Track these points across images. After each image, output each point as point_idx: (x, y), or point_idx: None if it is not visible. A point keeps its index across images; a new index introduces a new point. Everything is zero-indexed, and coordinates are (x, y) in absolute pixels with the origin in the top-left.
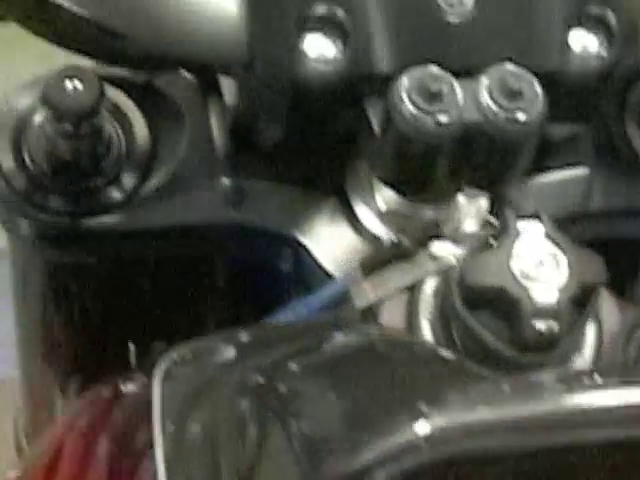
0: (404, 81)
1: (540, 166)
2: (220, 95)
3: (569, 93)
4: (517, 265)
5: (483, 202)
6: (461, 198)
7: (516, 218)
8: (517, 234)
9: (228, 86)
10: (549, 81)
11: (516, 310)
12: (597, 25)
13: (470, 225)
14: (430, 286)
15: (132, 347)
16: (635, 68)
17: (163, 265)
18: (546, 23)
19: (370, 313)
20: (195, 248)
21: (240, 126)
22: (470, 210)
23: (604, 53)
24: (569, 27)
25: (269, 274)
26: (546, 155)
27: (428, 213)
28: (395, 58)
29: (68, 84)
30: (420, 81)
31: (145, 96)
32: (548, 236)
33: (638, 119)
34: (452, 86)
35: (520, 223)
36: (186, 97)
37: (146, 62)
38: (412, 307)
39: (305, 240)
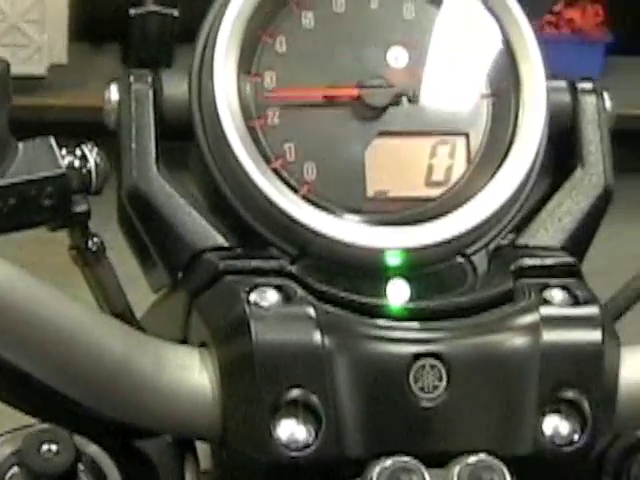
0: (375, 471)
1: None
2: (196, 458)
3: (540, 478)
4: None
5: None
6: None
7: None
8: None
9: (204, 450)
10: (521, 467)
11: None
12: (571, 410)
13: None
14: None
15: None
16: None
17: None
18: (520, 410)
19: None
20: None
21: None
22: None
23: (577, 438)
24: (543, 413)
25: None
26: None
27: None
28: (367, 445)
29: (44, 447)
30: (391, 472)
31: (123, 454)
32: None
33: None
34: (423, 478)
35: None
36: (163, 457)
37: (122, 432)
38: None
39: None
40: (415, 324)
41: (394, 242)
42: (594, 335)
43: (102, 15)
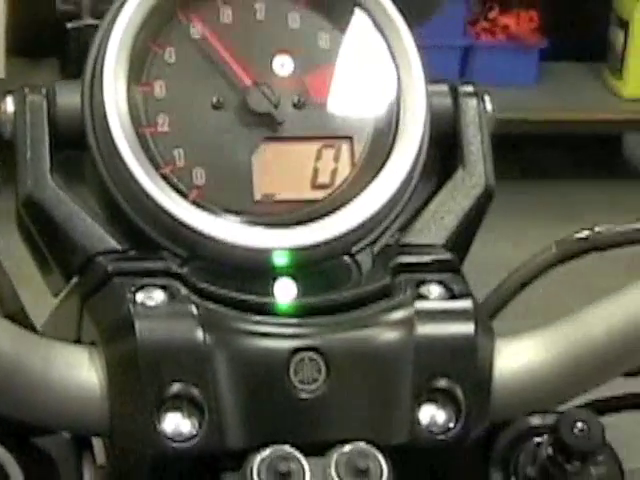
0: (255, 460)
1: None
2: (93, 453)
3: (420, 466)
4: None
5: None
6: None
7: None
8: None
9: (100, 445)
10: (398, 455)
11: None
12: (446, 400)
13: None
14: None
15: None
16: (498, 424)
17: None
18: (396, 400)
19: None
20: None
21: None
22: None
23: (453, 426)
24: (419, 403)
25: None
26: None
27: None
28: (248, 436)
29: None
30: (270, 461)
31: (23, 451)
32: None
33: (502, 468)
34: (301, 466)
35: None
36: (61, 453)
37: (21, 429)
38: None
39: None
40: (294, 320)
41: (280, 242)
42: (467, 327)
43: (40, 30)
